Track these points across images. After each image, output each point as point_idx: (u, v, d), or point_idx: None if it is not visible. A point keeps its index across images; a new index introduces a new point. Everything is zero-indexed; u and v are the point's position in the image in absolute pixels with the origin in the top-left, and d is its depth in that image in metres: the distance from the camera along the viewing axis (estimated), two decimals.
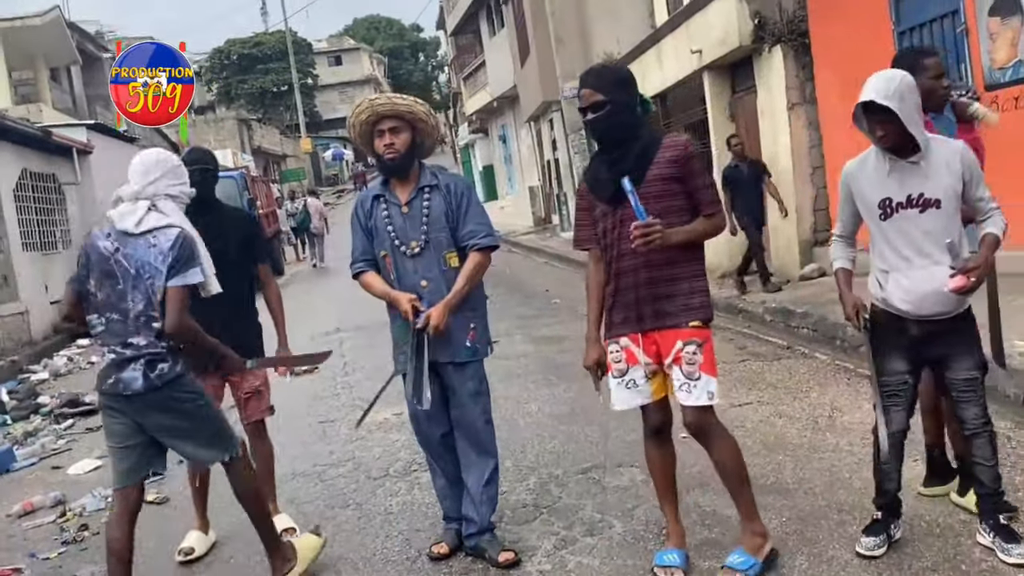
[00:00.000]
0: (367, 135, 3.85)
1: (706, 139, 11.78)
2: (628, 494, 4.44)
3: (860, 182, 3.36)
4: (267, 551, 3.86)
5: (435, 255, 3.83)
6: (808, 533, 3.74)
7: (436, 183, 3.89)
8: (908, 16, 7.97)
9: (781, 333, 7.93)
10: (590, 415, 5.94)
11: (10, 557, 4.87)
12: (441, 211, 3.84)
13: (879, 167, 3.30)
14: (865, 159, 3.38)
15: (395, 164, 3.83)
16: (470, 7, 26.91)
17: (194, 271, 3.50)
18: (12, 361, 11.87)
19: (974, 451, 3.39)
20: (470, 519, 3.94)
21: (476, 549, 3.92)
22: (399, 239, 3.84)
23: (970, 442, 3.40)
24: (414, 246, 3.82)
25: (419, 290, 3.82)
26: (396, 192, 3.90)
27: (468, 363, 3.91)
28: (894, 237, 3.29)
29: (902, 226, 3.27)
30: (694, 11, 10.98)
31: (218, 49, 52.53)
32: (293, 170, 47.43)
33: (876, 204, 3.30)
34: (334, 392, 7.69)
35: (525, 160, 25.96)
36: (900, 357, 3.37)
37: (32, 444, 7.51)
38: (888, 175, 3.27)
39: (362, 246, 3.93)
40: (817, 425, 5.20)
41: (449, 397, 3.95)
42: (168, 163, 3.67)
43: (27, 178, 15.09)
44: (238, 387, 4.45)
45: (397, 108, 3.79)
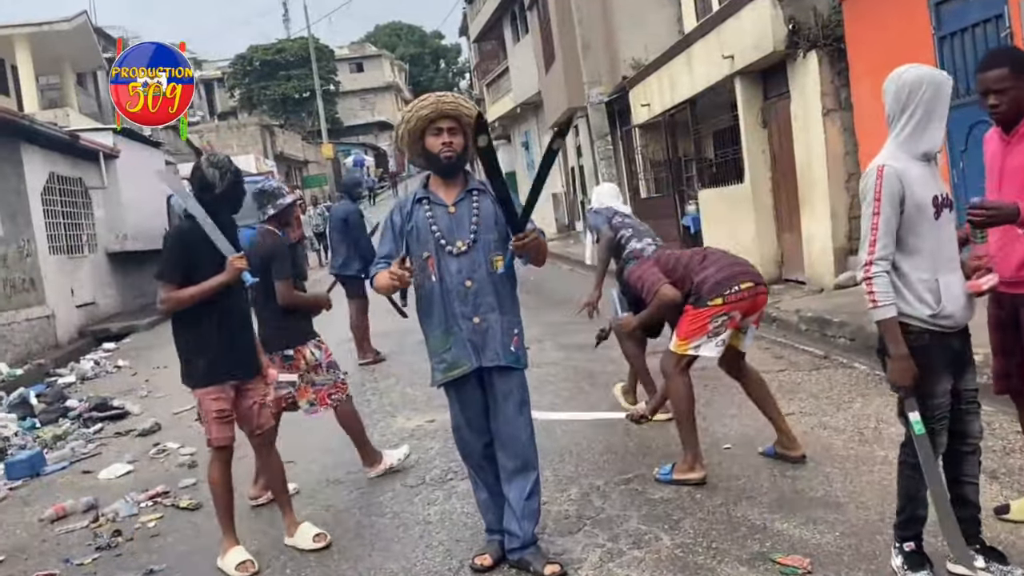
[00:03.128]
0: (418, 132, 3.78)
1: (736, 146, 11.67)
2: (673, 505, 4.33)
3: (910, 178, 3.05)
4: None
5: (482, 256, 3.76)
6: (864, 548, 3.63)
7: (484, 188, 3.85)
8: (949, 21, 7.82)
9: (817, 343, 7.79)
10: (628, 424, 5.84)
11: (44, 562, 4.82)
12: (491, 213, 3.79)
13: (919, 164, 3.10)
14: (895, 156, 3.11)
15: (452, 164, 3.78)
16: (494, 13, 26.89)
17: None
18: (39, 364, 11.89)
19: (967, 469, 3.28)
20: (513, 533, 3.85)
21: (520, 563, 3.83)
22: (444, 238, 3.77)
23: (966, 460, 3.27)
24: (460, 245, 3.76)
25: (464, 290, 3.75)
26: (440, 194, 3.85)
27: (513, 371, 3.82)
28: (946, 240, 3.13)
29: (947, 228, 3.12)
30: (727, 16, 10.87)
31: (241, 55, 52.78)
32: (314, 176, 47.57)
33: (929, 202, 3.08)
34: (364, 399, 7.61)
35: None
36: (948, 375, 3.17)
37: (62, 448, 7.48)
38: (926, 172, 3.10)
39: (387, 251, 3.85)
40: (863, 437, 5.08)
41: (491, 406, 3.86)
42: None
43: (54, 182, 15.18)
44: (249, 395, 4.43)
45: (460, 110, 3.75)
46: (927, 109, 3.06)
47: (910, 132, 3.08)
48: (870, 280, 3.05)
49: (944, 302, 3.08)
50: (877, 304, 3.05)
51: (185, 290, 4.19)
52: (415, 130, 3.77)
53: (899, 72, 3.12)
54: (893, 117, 3.12)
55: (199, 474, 6.10)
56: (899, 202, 3.04)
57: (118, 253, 17.64)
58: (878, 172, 3.05)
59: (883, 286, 3.03)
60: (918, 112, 3.06)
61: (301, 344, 5.17)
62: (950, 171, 7.87)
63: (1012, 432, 4.68)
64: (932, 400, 3.13)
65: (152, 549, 4.79)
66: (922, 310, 3.07)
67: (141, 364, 11.79)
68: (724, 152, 12.61)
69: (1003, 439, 4.68)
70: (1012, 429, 4.68)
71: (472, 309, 3.74)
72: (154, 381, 10.20)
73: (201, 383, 4.29)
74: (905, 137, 3.09)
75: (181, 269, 4.20)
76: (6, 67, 23.14)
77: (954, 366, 3.18)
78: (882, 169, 3.05)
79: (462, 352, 3.76)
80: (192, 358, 4.29)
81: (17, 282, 12.85)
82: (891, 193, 3.03)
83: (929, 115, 3.06)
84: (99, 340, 14.49)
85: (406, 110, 3.81)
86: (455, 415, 3.92)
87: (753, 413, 5.71)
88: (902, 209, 3.05)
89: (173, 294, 4.20)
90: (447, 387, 3.87)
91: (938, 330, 3.09)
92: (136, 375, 11.00)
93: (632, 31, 16.89)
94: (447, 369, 3.80)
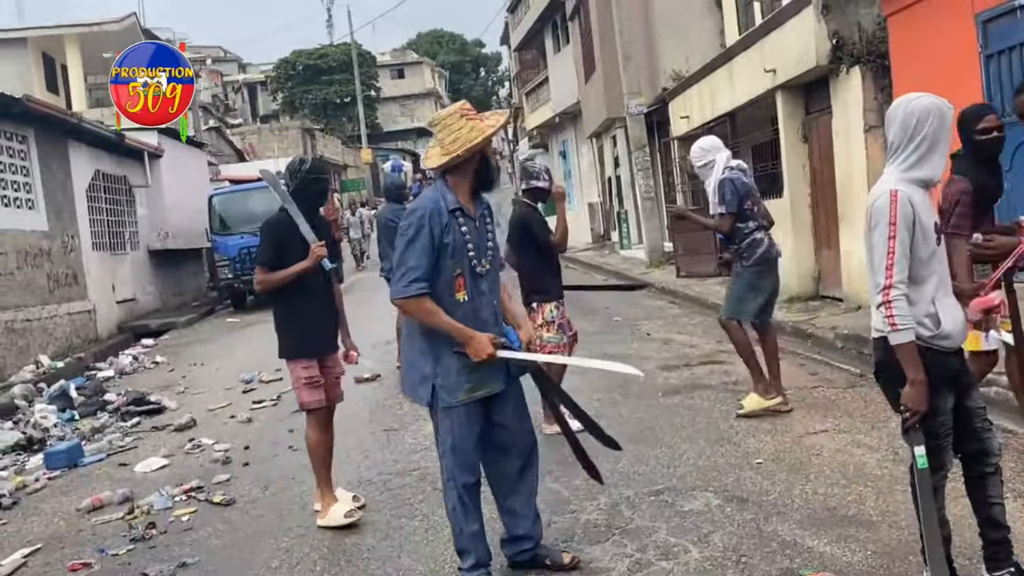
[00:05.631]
0: (488, 142, 3.69)
1: (776, 160, 11.59)
2: (703, 519, 4.31)
3: (916, 204, 3.07)
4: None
5: (496, 275, 3.82)
6: (896, 568, 3.60)
7: (488, 204, 3.87)
8: (997, 39, 7.72)
9: (853, 360, 7.71)
10: (659, 436, 5.84)
11: (79, 551, 4.92)
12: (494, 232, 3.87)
13: (920, 190, 3.13)
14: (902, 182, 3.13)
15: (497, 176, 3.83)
16: (536, 23, 26.99)
17: None
18: (79, 358, 12.12)
19: (991, 491, 3.25)
20: (526, 537, 3.88)
21: (536, 560, 3.89)
22: (476, 256, 3.67)
23: (990, 481, 3.25)
24: (485, 264, 3.71)
25: (493, 309, 3.74)
26: (469, 207, 3.72)
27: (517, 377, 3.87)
28: (944, 263, 3.19)
29: (942, 252, 3.18)
30: (770, 29, 10.82)
31: (284, 59, 53.41)
32: (353, 180, 47.94)
33: (932, 227, 3.12)
34: (397, 401, 7.66)
35: (585, 176, 25.88)
36: (950, 392, 3.18)
37: (99, 440, 7.62)
38: (926, 198, 3.15)
39: (428, 264, 3.57)
40: (897, 456, 5.01)
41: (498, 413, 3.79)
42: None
43: (99, 179, 15.46)
44: (330, 371, 4.95)
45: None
46: (934, 139, 3.09)
47: (915, 160, 3.11)
48: (889, 304, 3.03)
49: (943, 325, 3.11)
50: (897, 328, 3.02)
51: (276, 273, 4.77)
52: (489, 140, 3.67)
53: (908, 99, 3.16)
54: (899, 144, 3.14)
55: (233, 470, 6.20)
56: (911, 226, 3.06)
57: (159, 251, 17.92)
58: (892, 196, 3.05)
59: (902, 309, 3.02)
60: (925, 142, 3.09)
61: (545, 302, 5.92)
62: None
63: None
64: (936, 418, 3.14)
65: (185, 542, 4.87)
66: (922, 332, 3.08)
67: (178, 361, 11.96)
68: (763, 166, 12.53)
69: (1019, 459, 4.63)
70: None
71: (499, 329, 3.73)
72: (190, 378, 10.35)
73: (293, 354, 4.84)
74: (909, 165, 3.12)
75: (271, 254, 4.79)
76: (56, 66, 23.64)
77: (957, 385, 3.22)
78: (895, 193, 3.06)
79: (493, 373, 3.68)
80: (285, 332, 4.85)
81: (60, 276, 13.11)
82: (905, 216, 3.05)
83: (934, 145, 3.11)
84: (138, 336, 14.73)
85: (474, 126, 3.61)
86: (464, 435, 3.69)
87: (785, 429, 5.69)
88: (912, 233, 3.06)
89: (266, 276, 4.81)
90: (457, 407, 3.68)
91: (937, 349, 3.12)
92: (173, 371, 11.16)
93: (673, 42, 16.84)
94: (473, 389, 3.65)
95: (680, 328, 10.27)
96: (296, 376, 4.86)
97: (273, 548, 4.62)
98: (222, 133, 33.72)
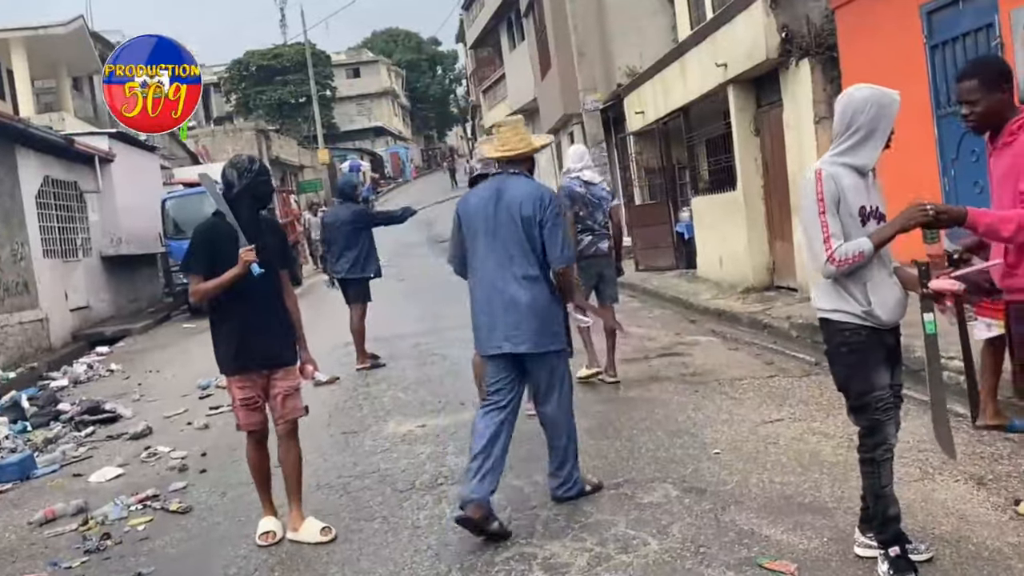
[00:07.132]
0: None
1: (729, 154, 11.70)
2: (662, 510, 4.34)
3: (843, 185, 3.24)
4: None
5: None
6: (851, 554, 3.63)
7: None
8: (941, 29, 7.86)
9: (808, 349, 7.81)
10: (618, 429, 5.86)
11: (32, 565, 4.81)
12: None
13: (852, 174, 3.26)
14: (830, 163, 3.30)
15: None
16: (491, 20, 26.99)
17: None
18: (31, 367, 11.89)
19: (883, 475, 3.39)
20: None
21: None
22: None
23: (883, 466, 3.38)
24: None
25: None
26: None
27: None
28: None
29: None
30: (720, 24, 10.91)
31: (237, 60, 52.74)
32: (310, 181, 47.46)
33: (857, 211, 3.24)
34: (356, 403, 7.62)
35: (544, 172, 25.89)
36: (886, 369, 3.38)
37: (52, 451, 7.46)
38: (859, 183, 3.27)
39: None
40: (852, 443, 4.97)
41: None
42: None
43: (49, 185, 15.17)
44: (276, 385, 4.58)
45: None
46: (869, 128, 3.25)
47: (849, 147, 3.28)
48: (840, 261, 3.19)
49: (873, 304, 3.27)
50: (863, 252, 3.18)
51: (209, 282, 4.45)
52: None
53: (850, 91, 3.34)
54: (838, 132, 3.30)
55: (189, 477, 6.12)
56: (836, 204, 3.22)
57: (113, 257, 17.62)
58: (817, 175, 3.25)
59: (849, 249, 3.18)
60: (860, 131, 3.25)
61: None
62: (941, 179, 7.91)
63: (1000, 439, 4.71)
64: (874, 392, 3.33)
65: (141, 552, 4.78)
66: (855, 307, 3.27)
67: (134, 368, 11.78)
68: (717, 160, 12.64)
69: (991, 445, 4.70)
70: (999, 436, 4.72)
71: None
72: (146, 385, 10.19)
73: (226, 371, 4.60)
74: (843, 150, 3.29)
75: (204, 261, 4.48)
76: (1, 70, 23.12)
77: (889, 364, 3.40)
78: (820, 172, 3.25)
79: None
80: (219, 346, 4.58)
81: (10, 285, 12.85)
82: (830, 193, 3.22)
83: (870, 134, 3.26)
84: (92, 344, 14.47)
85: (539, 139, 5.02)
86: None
87: (742, 419, 5.75)
88: (837, 209, 3.22)
89: (199, 285, 4.49)
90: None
91: (873, 326, 3.29)
92: (128, 379, 10.98)
93: (627, 38, 16.95)
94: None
95: (639, 321, 10.32)
96: (232, 395, 4.61)
97: (231, 555, 4.55)
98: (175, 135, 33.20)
